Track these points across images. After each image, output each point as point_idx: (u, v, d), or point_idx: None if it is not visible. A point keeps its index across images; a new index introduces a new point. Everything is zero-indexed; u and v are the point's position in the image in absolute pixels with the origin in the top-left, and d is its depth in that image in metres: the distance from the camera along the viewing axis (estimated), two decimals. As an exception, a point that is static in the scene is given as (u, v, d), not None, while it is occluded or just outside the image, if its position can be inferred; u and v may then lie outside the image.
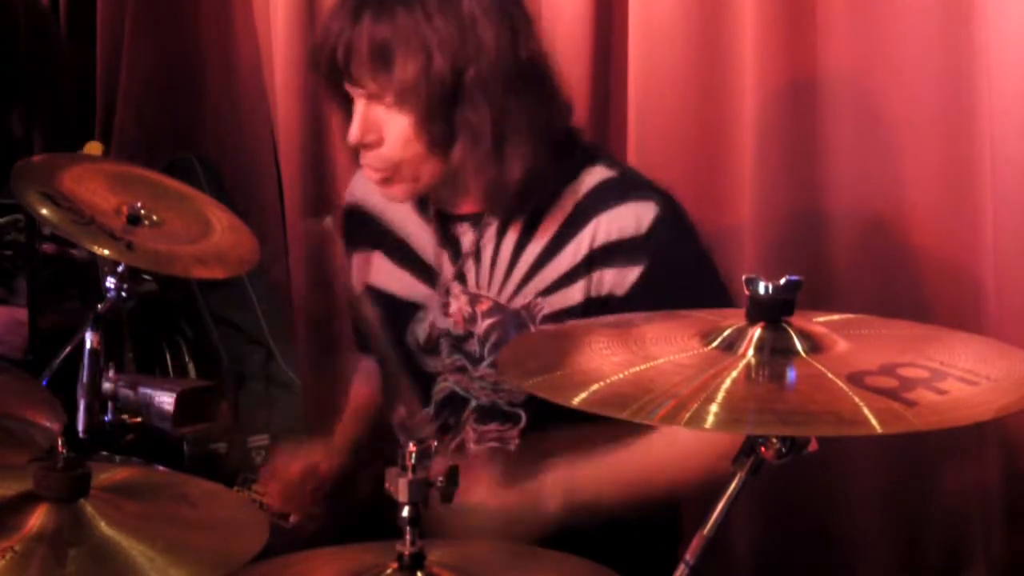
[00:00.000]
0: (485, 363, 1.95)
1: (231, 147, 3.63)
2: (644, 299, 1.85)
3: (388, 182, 1.92)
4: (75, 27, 3.91)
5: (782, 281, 1.33)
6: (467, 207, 1.99)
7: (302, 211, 3.26)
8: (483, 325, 1.95)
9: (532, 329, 1.92)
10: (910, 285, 2.31)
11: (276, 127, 3.33)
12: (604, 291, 1.89)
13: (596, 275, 1.89)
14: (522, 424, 1.93)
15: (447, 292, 1.99)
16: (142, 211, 2.10)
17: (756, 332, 1.33)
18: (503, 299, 1.95)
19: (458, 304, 1.97)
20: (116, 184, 2.18)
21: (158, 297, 3.16)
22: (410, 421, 2.03)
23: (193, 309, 3.39)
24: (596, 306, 1.89)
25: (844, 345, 1.34)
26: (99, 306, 2.10)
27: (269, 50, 3.28)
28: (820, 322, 1.39)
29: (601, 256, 1.89)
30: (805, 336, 1.33)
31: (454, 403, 1.98)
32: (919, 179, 2.29)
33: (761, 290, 1.33)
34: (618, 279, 1.88)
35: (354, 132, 1.89)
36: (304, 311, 3.31)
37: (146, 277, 2.20)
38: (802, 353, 1.31)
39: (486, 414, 1.95)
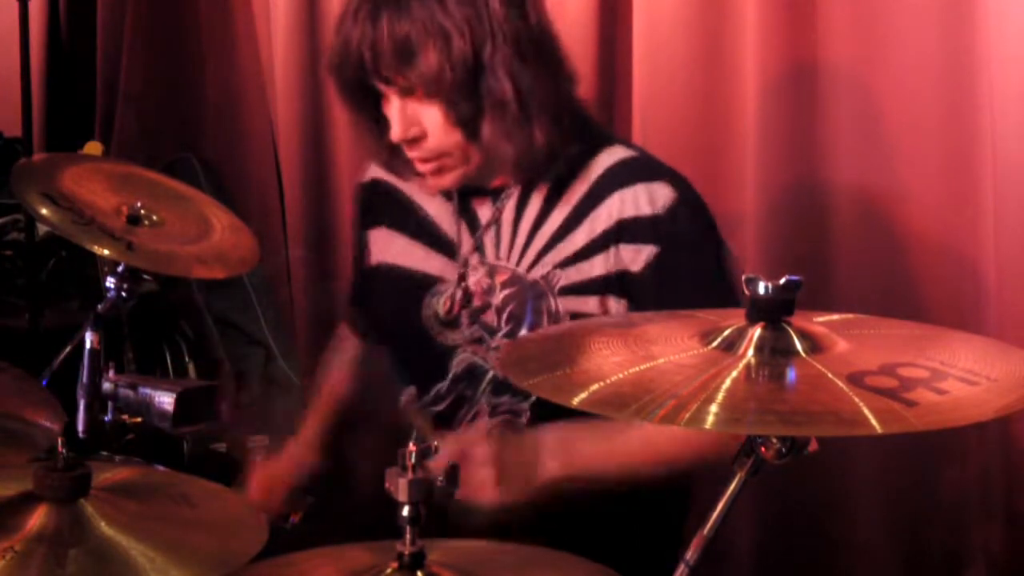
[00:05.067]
0: (501, 333, 1.96)
1: (231, 147, 3.63)
2: (656, 278, 1.89)
3: (440, 173, 1.94)
4: (75, 27, 3.91)
5: (782, 281, 1.33)
6: (488, 182, 2.01)
7: (302, 211, 3.26)
8: (500, 296, 1.97)
9: (550, 299, 1.94)
10: (910, 285, 2.31)
11: (276, 127, 3.33)
12: (621, 266, 1.91)
13: (613, 250, 1.91)
14: (532, 397, 1.94)
15: (466, 264, 2.00)
16: (142, 211, 2.10)
17: (756, 332, 1.33)
18: (521, 269, 1.97)
19: (476, 276, 1.99)
20: (116, 184, 2.18)
21: (158, 297, 3.17)
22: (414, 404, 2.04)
23: (193, 309, 3.39)
24: (614, 280, 1.91)
25: (844, 345, 1.34)
26: (99, 306, 2.10)
27: (269, 50, 3.28)
28: (820, 322, 1.39)
29: (618, 231, 1.91)
30: (805, 336, 1.33)
31: (472, 375, 1.99)
32: (920, 178, 2.29)
33: (761, 290, 1.33)
34: (633, 255, 1.90)
35: (397, 130, 1.90)
36: (304, 310, 3.31)
37: (146, 277, 2.20)
38: (802, 353, 1.31)
39: (500, 386, 1.96)
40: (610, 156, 1.96)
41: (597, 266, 1.93)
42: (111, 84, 3.79)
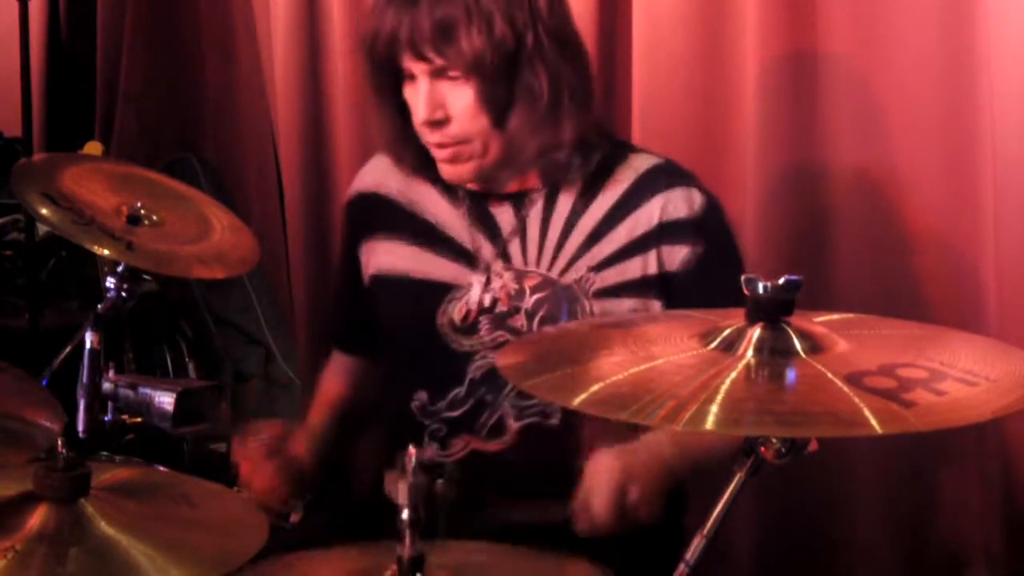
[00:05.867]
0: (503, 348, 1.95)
1: (231, 147, 3.63)
2: (694, 277, 1.93)
3: (456, 160, 1.94)
4: (75, 27, 3.91)
5: (781, 281, 1.33)
6: (505, 187, 2.01)
7: (302, 211, 3.26)
8: (531, 300, 1.97)
9: (584, 302, 1.95)
10: (910, 284, 2.31)
11: (276, 127, 3.33)
12: (663, 268, 1.94)
13: (654, 252, 1.94)
14: None
15: (488, 270, 2.00)
16: (142, 211, 2.10)
17: (756, 332, 1.33)
18: (554, 274, 1.97)
19: (502, 281, 1.99)
20: (116, 184, 2.18)
21: (158, 297, 3.17)
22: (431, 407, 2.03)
23: (193, 309, 3.39)
24: (654, 282, 1.94)
25: (844, 345, 1.34)
26: (99, 306, 2.10)
27: (269, 50, 3.28)
28: (820, 322, 1.39)
29: (660, 233, 1.94)
30: (805, 336, 1.33)
31: (492, 380, 1.98)
32: (920, 178, 2.29)
33: (761, 290, 1.33)
34: (674, 256, 1.94)
35: (422, 112, 1.90)
36: (304, 309, 3.31)
37: (146, 277, 2.19)
38: (802, 353, 1.31)
39: None
40: (641, 162, 2.00)
41: (636, 268, 1.94)
42: (111, 84, 3.79)
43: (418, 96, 1.91)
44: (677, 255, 1.94)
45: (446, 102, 1.90)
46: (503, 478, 1.93)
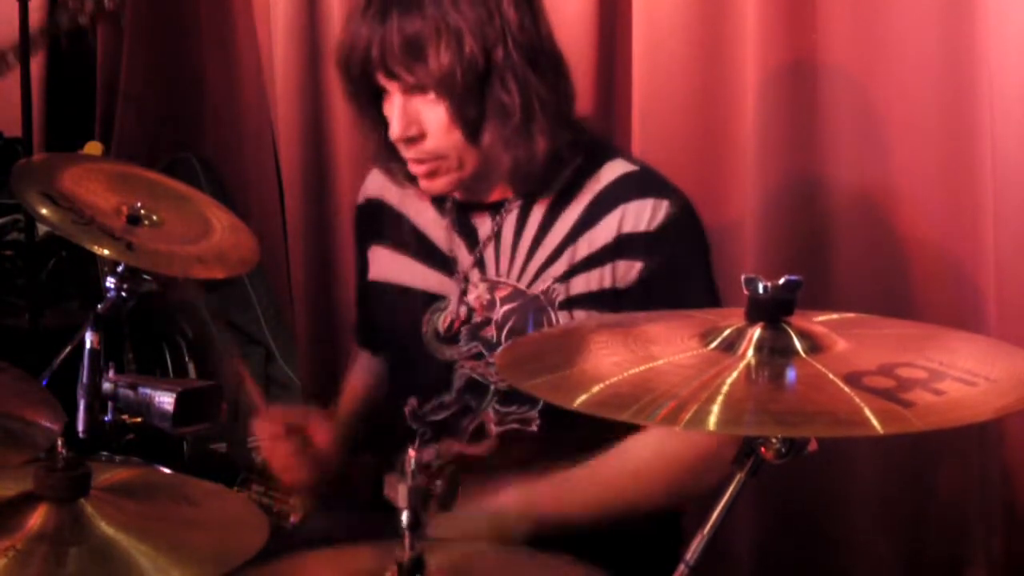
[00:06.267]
0: (502, 349, 1.96)
1: (231, 147, 3.64)
2: (642, 295, 1.89)
3: (434, 175, 1.94)
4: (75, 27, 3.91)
5: (781, 281, 1.33)
6: (487, 197, 2.01)
7: (302, 211, 3.26)
8: (501, 311, 1.97)
9: (550, 314, 1.95)
10: (910, 284, 2.32)
11: (276, 127, 3.33)
12: (616, 281, 1.92)
13: (611, 265, 1.92)
14: (540, 405, 1.94)
15: (466, 280, 2.00)
16: (142, 211, 2.10)
17: (756, 332, 1.33)
18: (523, 284, 1.97)
19: (477, 292, 1.99)
20: (116, 184, 2.18)
21: (158, 297, 3.17)
22: (422, 412, 2.04)
23: (193, 309, 3.39)
24: (609, 295, 1.92)
25: (843, 345, 1.34)
26: (99, 306, 2.10)
27: (269, 50, 3.28)
28: (820, 321, 1.39)
29: (617, 246, 1.92)
30: (805, 336, 1.33)
31: (477, 387, 1.99)
32: (920, 178, 2.29)
33: (761, 290, 1.33)
34: (627, 271, 1.91)
35: (396, 128, 1.90)
36: (304, 309, 3.31)
37: (146, 277, 2.20)
38: (802, 353, 1.31)
39: (508, 396, 1.97)
40: (613, 170, 1.97)
41: (594, 280, 1.93)
42: (111, 84, 3.79)
43: (392, 112, 1.91)
44: (630, 270, 1.91)
45: (421, 118, 1.89)
46: (483, 481, 1.93)
